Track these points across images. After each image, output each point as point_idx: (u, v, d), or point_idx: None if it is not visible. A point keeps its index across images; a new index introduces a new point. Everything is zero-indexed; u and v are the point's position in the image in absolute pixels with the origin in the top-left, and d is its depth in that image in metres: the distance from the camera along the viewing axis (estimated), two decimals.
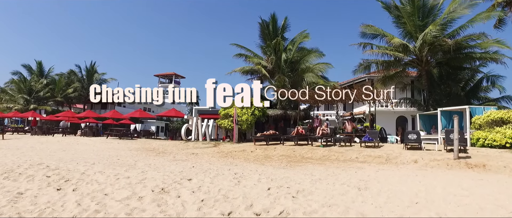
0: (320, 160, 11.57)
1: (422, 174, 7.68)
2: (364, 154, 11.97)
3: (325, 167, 9.16)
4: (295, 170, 8.47)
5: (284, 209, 4.22)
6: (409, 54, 22.73)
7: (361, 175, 7.39)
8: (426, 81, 22.70)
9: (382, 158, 11.26)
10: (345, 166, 9.63)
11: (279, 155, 12.91)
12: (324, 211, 4.14)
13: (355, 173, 8.09)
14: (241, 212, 4.14)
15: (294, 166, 9.51)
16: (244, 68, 26.94)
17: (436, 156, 10.89)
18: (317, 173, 7.70)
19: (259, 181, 6.25)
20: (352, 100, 19.87)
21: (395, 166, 9.78)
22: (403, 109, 27.84)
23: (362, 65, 25.96)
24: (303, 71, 25.27)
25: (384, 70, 24.73)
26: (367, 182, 6.35)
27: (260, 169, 8.40)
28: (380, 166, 9.66)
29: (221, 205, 4.49)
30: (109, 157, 10.86)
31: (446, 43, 19.90)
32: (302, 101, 21.19)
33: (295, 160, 11.44)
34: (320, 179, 6.62)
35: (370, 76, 28.97)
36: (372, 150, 12.60)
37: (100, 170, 7.42)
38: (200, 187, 5.62)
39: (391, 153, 11.86)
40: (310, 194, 5.14)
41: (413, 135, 14.07)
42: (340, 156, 12.15)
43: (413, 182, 6.39)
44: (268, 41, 26.18)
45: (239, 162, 10.36)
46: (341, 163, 10.62)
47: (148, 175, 6.78)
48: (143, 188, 5.51)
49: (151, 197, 4.90)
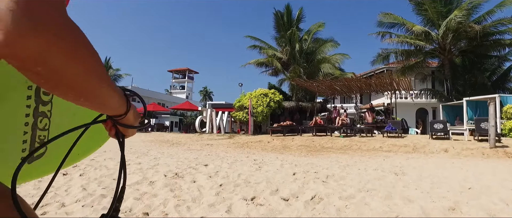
0: (341, 149, 10.92)
1: (459, 162, 6.97)
2: (388, 144, 11.26)
3: (349, 156, 8.52)
4: (318, 158, 7.87)
5: (315, 194, 3.64)
6: (431, 43, 21.73)
7: (392, 162, 6.75)
8: (449, 70, 21.66)
9: (409, 147, 10.54)
10: (370, 155, 8.97)
11: (297, 145, 12.31)
12: (362, 196, 3.55)
13: (383, 160, 7.43)
14: (266, 197, 3.59)
15: (315, 155, 8.91)
16: (259, 60, 26.35)
17: (468, 145, 10.11)
18: (342, 160, 7.09)
19: (281, 166, 5.68)
20: (372, 89, 19.10)
21: (425, 155, 9.06)
22: (423, 101, 26.75)
23: (380, 55, 25.07)
24: (319, 62, 24.53)
25: (404, 60, 23.75)
26: (402, 168, 5.70)
27: (280, 157, 7.84)
28: (408, 155, 8.96)
29: (243, 190, 3.94)
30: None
31: (472, 29, 18.81)
32: (319, 92, 20.50)
33: (315, 149, 10.82)
34: (349, 165, 6.01)
35: (388, 67, 27.94)
36: (396, 140, 11.87)
37: (111, 157, 6.99)
38: (217, 172, 5.10)
39: (418, 142, 11.12)
40: (341, 179, 4.54)
41: (439, 125, 13.27)
42: (363, 145, 11.48)
43: (453, 169, 5.71)
44: (283, 32, 25.48)
45: (257, 152, 9.82)
46: (364, 152, 9.95)
47: (161, 161, 6.31)
48: (155, 173, 5.02)
49: (163, 182, 4.40)
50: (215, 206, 3.34)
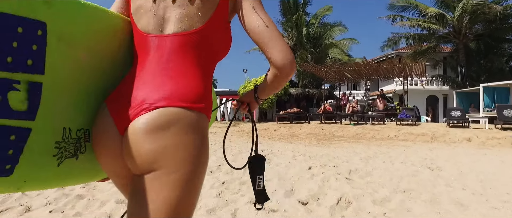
0: (354, 138, 10.19)
1: (492, 153, 6.22)
2: (403, 132, 10.50)
3: (365, 146, 7.79)
4: (331, 148, 7.15)
5: (341, 196, 2.93)
6: (445, 26, 20.66)
7: (416, 153, 6.01)
8: (464, 55, 20.64)
9: (427, 136, 9.77)
10: (387, 144, 8.23)
11: (306, 134, 11.59)
12: (401, 199, 2.83)
13: (404, 151, 6.70)
14: (280, 200, 2.88)
15: (327, 144, 8.19)
16: None
17: (493, 134, 9.32)
18: (360, 151, 6.36)
19: (294, 158, 4.97)
20: (383, 75, 18.23)
21: (447, 144, 8.30)
22: (434, 88, 25.70)
23: (391, 40, 24.07)
24: (327, 46, 23.60)
25: (416, 45, 22.72)
26: (432, 160, 4.96)
27: (290, 147, 7.12)
28: (429, 145, 8.21)
29: (250, 189, 3.23)
30: None
31: (492, 10, 17.69)
32: (327, 78, 19.66)
33: (325, 138, 10.10)
34: (370, 157, 5.28)
35: (398, 53, 26.85)
36: (412, 128, 11.10)
37: None
38: (220, 166, 4.40)
39: (436, 131, 10.34)
40: (367, 175, 3.82)
41: (457, 112, 12.45)
42: (376, 134, 10.73)
43: (493, 162, 4.96)
44: (289, 16, 24.46)
45: (263, 140, 9.11)
46: (379, 141, 9.21)
47: None
48: None
49: None
50: (216, 212, 2.64)
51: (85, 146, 0.93)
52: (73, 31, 0.86)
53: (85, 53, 0.91)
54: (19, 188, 0.79)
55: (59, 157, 0.85)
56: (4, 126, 0.71)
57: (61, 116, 0.86)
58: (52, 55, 0.79)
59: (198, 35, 0.93)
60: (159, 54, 0.92)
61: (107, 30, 0.97)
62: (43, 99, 0.79)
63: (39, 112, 0.78)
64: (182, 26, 0.93)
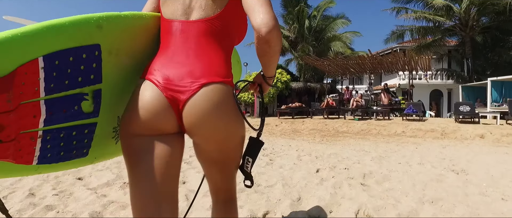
0: (359, 134, 9.70)
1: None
2: (411, 128, 10.01)
3: (372, 143, 7.30)
4: (337, 145, 6.66)
5: (359, 208, 2.44)
6: (451, 18, 20.05)
7: (431, 152, 5.52)
8: (470, 49, 20.06)
9: (437, 132, 9.28)
10: (395, 141, 7.74)
11: (309, 129, 11.10)
12: (433, 213, 2.34)
13: (416, 149, 6.21)
14: (285, 212, 2.40)
15: (332, 141, 7.70)
16: None
17: (507, 130, 8.82)
18: (369, 149, 5.87)
19: (299, 159, 4.47)
20: (387, 69, 17.70)
21: (459, 142, 7.81)
22: (438, 82, 25.11)
23: (395, 33, 23.49)
24: (329, 40, 23.00)
25: (420, 38, 22.13)
26: (453, 161, 4.47)
27: (293, 144, 6.63)
28: (440, 142, 7.71)
29: (250, 198, 2.75)
30: None
31: (501, 1, 17.06)
32: (329, 72, 19.12)
33: (329, 134, 9.61)
34: (382, 157, 4.79)
35: (402, 46, 26.22)
36: (420, 124, 10.60)
37: None
38: None
39: (445, 127, 9.85)
40: (385, 179, 3.33)
41: (466, 107, 11.95)
42: (382, 129, 10.24)
43: None
44: (291, 8, 23.82)
45: (264, 136, 8.62)
46: (386, 137, 8.72)
47: None
48: None
49: None
50: None
51: None
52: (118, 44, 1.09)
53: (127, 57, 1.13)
54: (92, 161, 1.15)
55: (116, 138, 1.18)
56: (81, 124, 1.02)
57: (115, 108, 1.14)
58: (105, 67, 1.05)
59: (218, 20, 1.09)
60: (184, 36, 1.07)
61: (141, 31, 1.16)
62: (102, 100, 1.07)
63: (101, 110, 1.08)
64: (204, 14, 1.09)
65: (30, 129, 0.88)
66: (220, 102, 1.01)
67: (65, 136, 0.98)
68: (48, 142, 0.94)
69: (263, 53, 1.04)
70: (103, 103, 1.07)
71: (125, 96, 1.13)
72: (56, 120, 0.93)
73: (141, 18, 1.15)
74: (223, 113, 1.02)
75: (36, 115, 0.88)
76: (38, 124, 0.89)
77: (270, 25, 0.96)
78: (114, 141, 1.18)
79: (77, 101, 0.97)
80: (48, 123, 0.91)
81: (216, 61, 1.06)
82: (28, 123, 0.87)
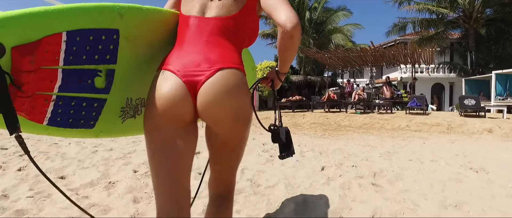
0: (362, 128, 9.39)
1: None
2: (416, 122, 9.69)
3: (377, 137, 6.99)
4: (341, 140, 6.35)
5: (373, 214, 2.13)
6: (455, 10, 19.64)
7: (441, 147, 5.21)
8: (474, 41, 19.67)
9: (442, 127, 8.97)
10: (400, 135, 7.43)
11: (310, 123, 10.79)
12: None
13: (423, 144, 5.91)
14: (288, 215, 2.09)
15: (334, 135, 7.39)
16: (264, 32, 24.45)
17: None
18: (375, 144, 5.56)
19: (301, 155, 4.16)
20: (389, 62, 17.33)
21: (467, 136, 7.50)
22: (440, 75, 24.73)
23: (397, 25, 23.09)
24: (330, 32, 22.60)
25: (423, 30, 21.73)
26: (466, 157, 4.16)
27: (294, 139, 6.31)
28: (447, 136, 7.41)
29: (248, 201, 2.44)
30: None
31: None
32: (330, 65, 18.75)
33: (331, 128, 9.29)
34: (390, 153, 4.47)
35: (404, 39, 25.76)
36: (424, 118, 10.29)
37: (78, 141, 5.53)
38: None
39: (451, 120, 9.53)
40: (398, 178, 3.01)
41: (471, 101, 11.64)
42: (386, 123, 9.92)
43: None
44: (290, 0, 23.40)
45: (264, 131, 8.29)
46: (390, 131, 8.41)
47: (140, 146, 4.83)
48: (123, 166, 3.53)
49: (128, 184, 2.91)
50: None
51: (141, 110, 1.33)
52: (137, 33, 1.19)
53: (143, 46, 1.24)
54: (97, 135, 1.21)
55: (123, 117, 1.27)
56: (92, 98, 1.11)
57: (125, 90, 1.24)
58: (122, 51, 1.15)
59: (232, 20, 1.19)
60: (199, 30, 1.17)
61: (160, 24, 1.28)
62: (114, 80, 1.16)
63: (112, 89, 1.16)
64: (220, 12, 1.19)
65: (46, 92, 0.98)
66: (235, 84, 1.08)
67: (76, 105, 1.07)
68: (60, 107, 1.03)
69: (286, 48, 1.15)
70: (115, 83, 1.16)
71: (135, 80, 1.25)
72: (70, 89, 1.03)
73: (160, 12, 1.26)
74: (237, 94, 1.08)
75: (52, 81, 0.98)
76: (53, 88, 0.99)
77: (294, 21, 1.07)
78: (120, 120, 1.26)
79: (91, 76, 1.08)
80: (62, 90, 1.01)
81: (229, 52, 1.14)
82: (44, 86, 0.97)
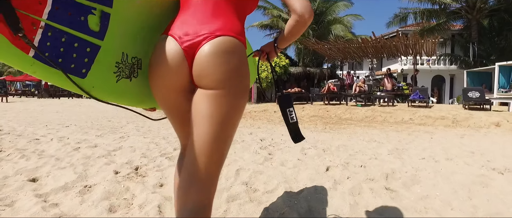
0: (364, 121, 9.04)
1: None
2: (419, 115, 9.35)
3: (381, 131, 6.64)
4: (343, 134, 5.99)
5: None
6: (458, 0, 19.19)
7: (451, 143, 4.86)
8: (476, 33, 19.27)
9: (448, 120, 8.63)
10: (405, 129, 7.08)
11: (309, 116, 10.44)
12: None
13: (431, 139, 5.57)
14: None
15: (336, 129, 7.03)
16: (262, 22, 23.91)
17: None
18: (380, 139, 5.21)
19: (303, 153, 3.79)
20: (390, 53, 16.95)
21: (475, 130, 7.16)
22: (441, 67, 24.36)
23: (398, 16, 22.70)
24: (330, 23, 22.11)
25: (424, 21, 21.30)
26: (483, 155, 3.81)
27: None
28: (454, 130, 7.07)
29: (243, 209, 2.08)
30: (98, 119, 8.67)
31: None
32: (330, 57, 18.33)
33: (332, 121, 8.94)
34: (399, 150, 4.12)
35: (404, 30, 25.33)
36: (428, 110, 9.94)
37: (64, 135, 5.16)
38: None
39: (456, 114, 9.19)
40: (414, 182, 2.65)
41: (475, 93, 11.29)
42: (388, 117, 9.58)
43: None
44: None
45: (262, 124, 7.95)
46: (394, 125, 8.07)
47: (127, 143, 4.47)
48: (104, 166, 3.16)
49: (106, 188, 2.54)
50: None
51: (137, 73, 1.23)
52: None
53: None
54: (89, 90, 1.10)
55: (117, 75, 1.16)
56: (84, 39, 1.04)
57: (121, 42, 1.16)
58: None
59: None
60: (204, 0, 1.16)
61: None
62: (110, 26, 1.10)
63: (107, 35, 1.10)
64: None
65: (34, 14, 0.91)
66: (231, 51, 1.07)
67: (67, 43, 1.01)
68: (48, 39, 0.96)
69: (297, 32, 1.24)
70: (110, 30, 1.11)
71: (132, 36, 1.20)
72: (61, 19, 0.97)
73: None
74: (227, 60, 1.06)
75: (41, 2, 0.92)
76: (42, 13, 0.93)
77: (311, 11, 1.18)
78: (115, 78, 1.16)
79: (84, 12, 1.02)
80: (52, 18, 0.95)
81: (232, 21, 1.14)
82: (32, 6, 0.90)
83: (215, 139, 1.05)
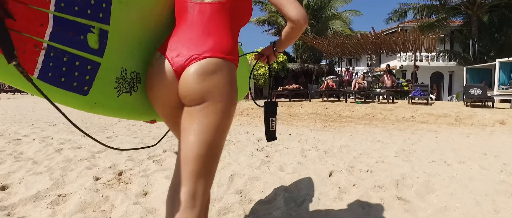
0: (364, 119, 8.77)
1: None
2: (421, 113, 9.09)
3: (383, 130, 6.37)
4: (345, 133, 5.72)
5: None
6: None
7: (458, 143, 4.60)
8: (476, 29, 19.01)
9: (450, 118, 8.38)
10: (408, 128, 6.82)
11: (308, 113, 10.16)
12: None
13: (436, 138, 5.30)
14: None
15: (336, 127, 6.76)
16: (260, 18, 23.55)
17: None
18: (384, 139, 4.94)
19: (303, 155, 3.50)
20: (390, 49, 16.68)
21: (480, 129, 6.90)
22: (439, 64, 24.13)
23: (397, 12, 22.39)
24: (328, 18, 21.80)
25: (424, 17, 21.02)
26: (500, 158, 3.54)
27: (293, 132, 5.66)
28: (459, 129, 6.81)
29: None
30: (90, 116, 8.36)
31: None
32: (328, 53, 18.04)
33: (331, 119, 8.67)
34: (405, 151, 3.84)
35: (404, 26, 25.02)
36: (430, 108, 9.69)
37: (49, 135, 4.86)
38: None
39: (459, 111, 8.94)
40: (428, 190, 2.37)
41: (477, 90, 11.08)
42: (389, 114, 9.32)
43: None
44: None
45: (259, 122, 7.66)
46: (395, 123, 7.80)
47: (111, 144, 4.16)
48: (83, 171, 2.86)
49: (82, 198, 2.25)
50: None
51: (137, 87, 1.25)
52: None
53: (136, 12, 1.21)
54: (92, 107, 1.12)
55: (118, 90, 1.17)
56: (85, 58, 1.04)
57: (120, 58, 1.18)
58: (115, 12, 1.11)
59: (229, 3, 1.21)
60: (200, 16, 1.19)
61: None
62: (108, 42, 1.11)
63: (106, 52, 1.11)
64: None
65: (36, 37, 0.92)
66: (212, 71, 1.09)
67: (69, 62, 1.02)
68: (51, 59, 0.97)
69: (294, 37, 1.32)
70: (108, 47, 1.12)
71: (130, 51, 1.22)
72: (62, 39, 0.98)
73: None
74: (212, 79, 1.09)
75: (43, 24, 0.93)
76: (44, 35, 0.94)
77: (305, 16, 1.21)
78: (116, 93, 1.17)
79: (83, 31, 1.03)
80: (53, 39, 0.96)
81: (223, 39, 1.17)
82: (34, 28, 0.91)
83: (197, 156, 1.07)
